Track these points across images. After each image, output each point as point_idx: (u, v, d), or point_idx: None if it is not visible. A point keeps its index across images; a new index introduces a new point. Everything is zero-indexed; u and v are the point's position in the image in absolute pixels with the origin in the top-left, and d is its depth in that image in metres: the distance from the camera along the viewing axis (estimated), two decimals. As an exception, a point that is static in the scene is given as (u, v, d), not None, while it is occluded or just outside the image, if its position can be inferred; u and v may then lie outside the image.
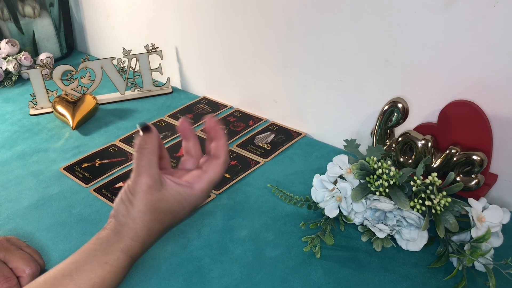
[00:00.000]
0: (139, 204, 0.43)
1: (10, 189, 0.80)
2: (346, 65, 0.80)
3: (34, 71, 1.01)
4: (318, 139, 0.91)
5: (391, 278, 0.60)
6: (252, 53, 0.94)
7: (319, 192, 0.66)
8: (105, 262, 0.42)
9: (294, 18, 0.83)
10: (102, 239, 0.43)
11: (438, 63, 0.69)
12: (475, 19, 0.63)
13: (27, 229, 0.70)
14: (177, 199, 0.44)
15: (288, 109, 0.94)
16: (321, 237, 0.64)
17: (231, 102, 1.04)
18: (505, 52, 0.62)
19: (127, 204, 0.43)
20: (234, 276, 0.61)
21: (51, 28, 1.30)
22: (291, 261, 0.63)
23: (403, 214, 0.61)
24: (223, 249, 0.65)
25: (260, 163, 0.84)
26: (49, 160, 0.88)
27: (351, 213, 0.65)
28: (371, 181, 0.61)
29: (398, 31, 0.71)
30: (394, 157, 0.73)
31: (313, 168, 0.82)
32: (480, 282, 0.58)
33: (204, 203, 0.46)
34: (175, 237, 0.68)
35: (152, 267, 0.63)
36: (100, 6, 1.25)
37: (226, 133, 0.46)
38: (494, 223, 0.58)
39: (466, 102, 0.67)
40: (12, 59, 1.18)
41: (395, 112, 0.71)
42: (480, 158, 0.65)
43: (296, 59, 0.87)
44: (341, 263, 0.62)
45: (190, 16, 1.02)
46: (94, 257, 0.42)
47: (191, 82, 1.12)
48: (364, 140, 0.83)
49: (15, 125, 1.01)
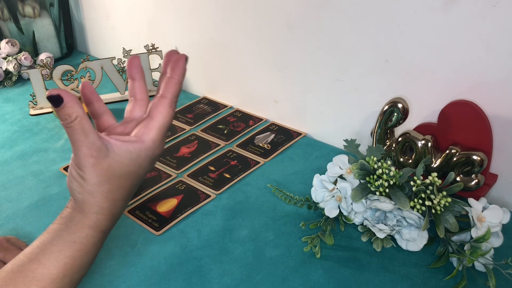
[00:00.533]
0: (91, 178, 0.39)
1: (10, 189, 0.80)
2: (346, 65, 0.80)
3: (34, 71, 1.01)
4: (318, 139, 0.91)
5: (391, 278, 0.60)
6: (252, 53, 0.94)
7: (319, 192, 0.66)
8: (73, 241, 0.39)
9: (294, 18, 0.83)
10: (65, 218, 0.40)
11: (438, 63, 0.69)
12: (475, 19, 0.63)
13: (27, 229, 0.70)
14: (129, 158, 0.40)
15: (288, 109, 0.94)
16: (321, 237, 0.64)
17: (231, 102, 1.04)
18: (505, 52, 0.62)
19: (80, 181, 0.40)
20: (234, 276, 0.61)
21: (51, 28, 1.30)
22: (291, 261, 0.63)
23: (403, 214, 0.61)
24: (223, 249, 0.65)
25: (260, 163, 0.84)
26: (49, 160, 0.88)
27: (351, 213, 0.65)
28: (371, 181, 0.61)
29: (398, 31, 0.71)
30: (394, 157, 0.73)
31: (313, 168, 0.82)
32: (480, 282, 0.58)
33: (162, 150, 0.43)
34: (175, 237, 0.68)
35: (152, 267, 0.63)
36: (100, 6, 1.25)
37: (183, 75, 0.43)
38: (494, 223, 0.58)
39: (466, 102, 0.67)
40: (12, 59, 1.18)
41: (395, 112, 0.71)
42: (480, 158, 0.65)
43: (296, 59, 0.87)
44: (341, 263, 0.62)
45: (190, 16, 1.02)
46: (60, 237, 0.39)
47: (191, 82, 1.12)
48: (364, 140, 0.83)
49: (15, 125, 1.01)
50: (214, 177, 0.81)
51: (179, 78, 0.42)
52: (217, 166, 0.83)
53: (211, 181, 0.79)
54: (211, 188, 0.78)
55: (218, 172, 0.82)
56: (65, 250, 0.39)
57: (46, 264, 0.38)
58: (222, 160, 0.85)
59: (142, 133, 0.42)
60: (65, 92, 0.38)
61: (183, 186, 0.79)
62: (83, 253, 0.40)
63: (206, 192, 0.77)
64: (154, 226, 0.70)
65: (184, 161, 0.85)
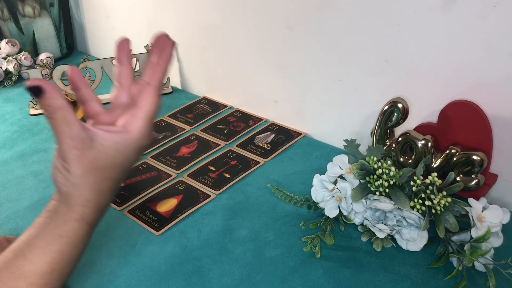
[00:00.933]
0: (76, 170, 0.38)
1: (10, 189, 0.80)
2: (346, 65, 0.80)
3: (34, 71, 1.01)
4: (318, 139, 0.91)
5: (391, 278, 0.60)
6: (252, 53, 0.94)
7: (319, 192, 0.66)
8: (59, 235, 0.38)
9: (294, 18, 0.83)
10: (51, 211, 0.39)
11: (438, 63, 0.69)
12: (475, 19, 0.63)
13: (27, 229, 0.70)
14: (115, 149, 0.39)
15: (288, 109, 0.94)
16: (321, 237, 0.64)
17: (231, 102, 1.04)
18: (505, 52, 0.62)
19: (64, 173, 0.38)
20: (234, 276, 0.61)
21: (51, 28, 1.30)
22: (291, 261, 0.63)
23: (403, 214, 0.61)
24: (223, 249, 0.65)
25: (260, 163, 0.84)
26: (49, 160, 0.88)
27: (351, 213, 0.65)
28: (371, 181, 0.61)
29: (398, 31, 0.71)
30: (394, 157, 0.73)
31: (313, 168, 0.82)
32: (480, 282, 0.58)
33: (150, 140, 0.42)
34: (175, 237, 0.68)
35: (152, 267, 0.63)
36: (100, 6, 1.25)
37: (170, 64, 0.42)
38: (494, 223, 0.58)
39: (466, 102, 0.67)
40: (12, 59, 1.18)
41: (395, 112, 0.71)
42: (480, 158, 0.65)
43: (296, 59, 0.87)
44: (341, 263, 0.62)
45: (190, 16, 1.02)
46: (47, 231, 0.38)
47: (191, 82, 1.12)
48: (364, 140, 0.83)
49: (15, 125, 1.01)
50: (214, 177, 0.81)
51: (165, 65, 0.41)
52: (217, 166, 0.83)
53: (211, 181, 0.79)
54: (211, 188, 0.78)
55: (218, 172, 0.82)
56: (52, 244, 0.38)
57: (33, 260, 0.38)
58: (222, 160, 0.85)
59: (129, 123, 0.40)
60: (46, 82, 0.37)
61: (183, 186, 0.79)
62: (71, 246, 0.39)
63: (206, 192, 0.77)
64: (154, 226, 0.70)
65: (184, 161, 0.85)
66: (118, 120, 0.42)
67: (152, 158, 0.87)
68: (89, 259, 0.64)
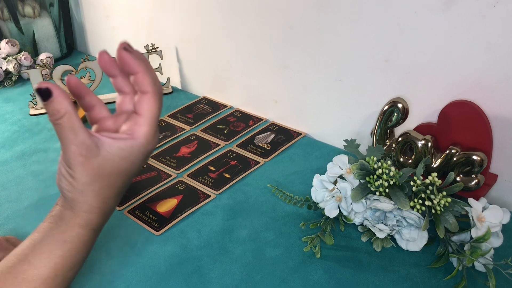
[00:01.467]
0: (81, 177, 0.38)
1: (10, 189, 0.80)
2: (346, 65, 0.80)
3: (34, 71, 1.01)
4: (318, 139, 0.91)
5: (391, 278, 0.60)
6: (252, 53, 0.94)
7: (319, 192, 0.66)
8: (63, 240, 0.38)
9: (294, 18, 0.83)
10: (56, 217, 0.39)
11: (438, 63, 0.69)
12: (475, 19, 0.63)
13: (27, 229, 0.70)
14: (121, 156, 0.39)
15: (288, 109, 0.94)
16: (321, 237, 0.64)
17: (231, 102, 1.04)
18: (505, 52, 0.62)
19: (69, 179, 0.38)
20: (234, 276, 0.61)
21: (51, 28, 1.30)
22: (291, 261, 0.63)
23: (403, 214, 0.61)
24: (223, 249, 0.65)
25: (260, 163, 0.84)
26: (49, 160, 0.88)
27: (351, 213, 0.65)
28: (371, 181, 0.61)
29: (398, 31, 0.71)
30: (394, 157, 0.73)
31: (313, 168, 0.82)
32: (480, 282, 0.58)
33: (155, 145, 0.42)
34: (175, 237, 0.68)
35: (152, 267, 0.63)
36: (100, 6, 1.25)
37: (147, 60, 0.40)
38: (494, 223, 0.57)
39: (466, 102, 0.67)
40: (12, 59, 1.18)
41: (395, 112, 0.71)
42: (480, 158, 0.65)
43: (296, 59, 0.87)
44: (341, 263, 0.62)
45: (190, 16, 1.02)
46: (51, 236, 0.39)
47: (191, 82, 1.12)
48: (364, 140, 0.83)
49: (15, 125, 1.01)
50: (214, 177, 0.81)
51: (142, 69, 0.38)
52: (217, 166, 0.83)
53: (211, 181, 0.79)
54: (211, 188, 0.78)
55: (218, 172, 0.82)
56: (56, 250, 0.38)
57: (36, 265, 0.38)
58: (222, 160, 0.85)
59: (133, 130, 0.40)
60: (55, 86, 0.36)
61: (183, 186, 0.79)
62: (74, 252, 0.39)
63: (206, 192, 0.77)
64: (154, 226, 0.70)
65: (184, 161, 0.85)
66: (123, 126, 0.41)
67: (152, 158, 0.87)
68: (89, 259, 0.64)
